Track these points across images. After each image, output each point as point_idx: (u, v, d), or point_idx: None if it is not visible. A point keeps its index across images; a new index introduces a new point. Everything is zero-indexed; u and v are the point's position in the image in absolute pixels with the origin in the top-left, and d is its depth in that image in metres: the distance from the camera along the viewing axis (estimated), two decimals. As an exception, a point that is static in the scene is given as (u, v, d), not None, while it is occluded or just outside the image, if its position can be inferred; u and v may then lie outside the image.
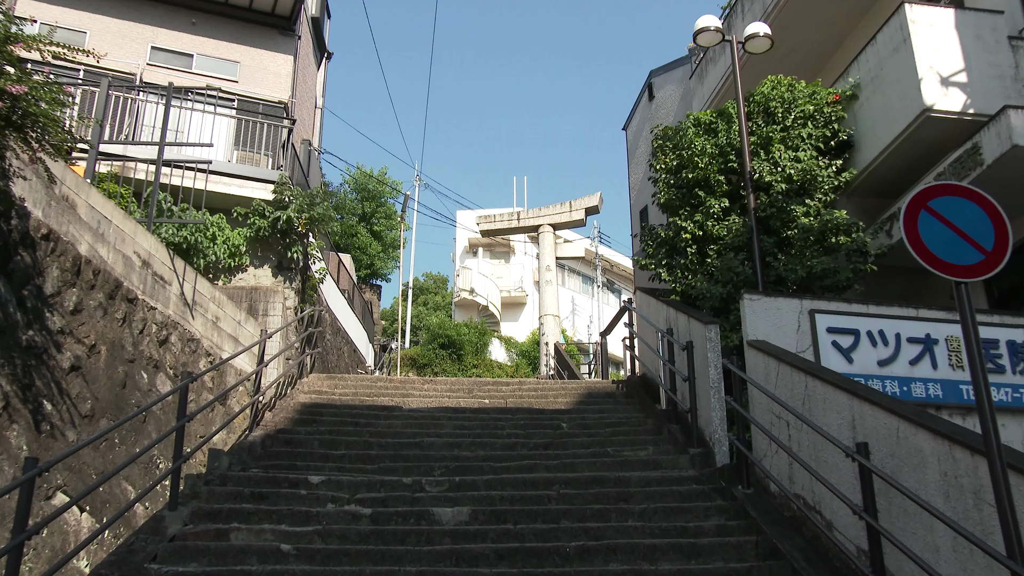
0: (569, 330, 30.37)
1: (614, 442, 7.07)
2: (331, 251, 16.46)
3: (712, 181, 9.05)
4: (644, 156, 14.50)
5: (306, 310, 10.10)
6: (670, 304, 8.12)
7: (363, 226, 28.47)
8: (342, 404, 8.45)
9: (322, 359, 11.88)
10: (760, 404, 5.88)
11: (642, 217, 14.54)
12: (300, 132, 13.21)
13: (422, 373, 23.21)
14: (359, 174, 28.89)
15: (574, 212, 22.68)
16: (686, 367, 6.83)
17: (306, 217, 10.01)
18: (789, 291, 7.89)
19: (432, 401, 8.78)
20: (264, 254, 10.11)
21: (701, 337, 6.73)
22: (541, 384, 10.29)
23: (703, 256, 8.88)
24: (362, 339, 18.32)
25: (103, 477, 4.35)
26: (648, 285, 10.52)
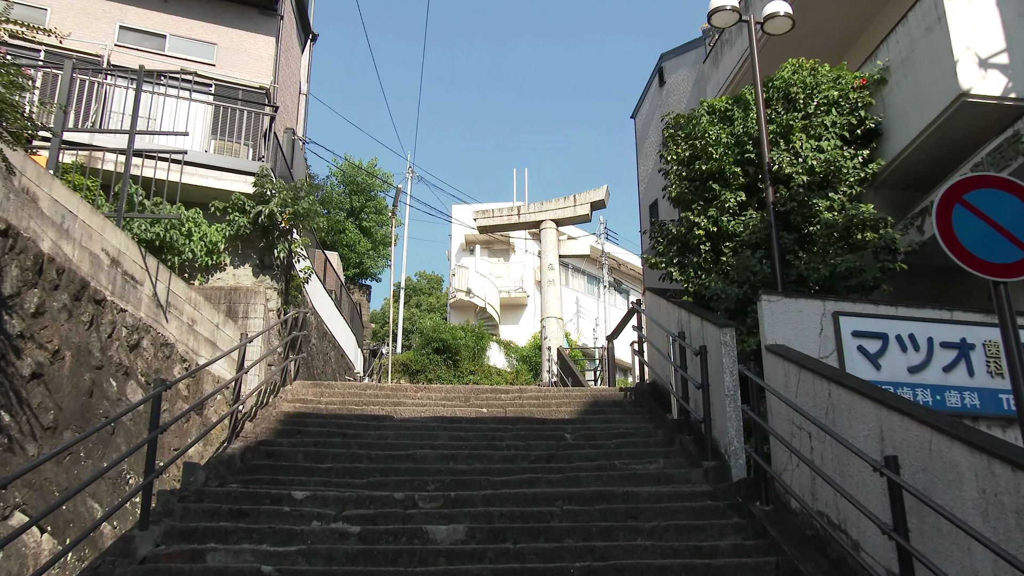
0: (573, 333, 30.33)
1: (622, 454, 7.07)
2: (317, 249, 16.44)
3: (727, 173, 9.05)
4: (654, 146, 14.47)
5: (290, 312, 10.09)
6: (682, 306, 8.12)
7: (351, 222, 28.46)
8: (329, 413, 8.46)
9: (307, 365, 11.86)
10: (779, 414, 5.86)
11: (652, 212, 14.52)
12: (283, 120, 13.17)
13: (415, 380, 23.18)
14: (347, 166, 28.91)
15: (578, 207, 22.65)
16: (699, 374, 6.83)
17: (290, 212, 9.98)
18: (811, 292, 7.88)
19: (426, 410, 8.80)
20: (244, 252, 10.08)
21: (715, 341, 6.71)
22: (543, 392, 10.29)
23: (718, 254, 8.88)
24: (350, 343, 18.29)
25: (67, 494, 4.31)
26: (658, 285, 10.51)
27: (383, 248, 29.95)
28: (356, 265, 28.09)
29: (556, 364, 18.85)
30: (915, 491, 3.91)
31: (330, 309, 15.53)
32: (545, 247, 22.61)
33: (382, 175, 30.19)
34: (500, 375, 24.75)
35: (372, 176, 29.34)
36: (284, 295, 10.38)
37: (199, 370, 7.24)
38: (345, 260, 27.13)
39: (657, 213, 13.96)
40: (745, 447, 6.17)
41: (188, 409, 6.40)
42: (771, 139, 8.89)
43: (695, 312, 7.58)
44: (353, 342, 19.01)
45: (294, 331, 10.20)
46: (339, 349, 16.10)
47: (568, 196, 22.86)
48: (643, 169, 15.84)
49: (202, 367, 7.06)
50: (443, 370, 23.64)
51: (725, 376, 6.45)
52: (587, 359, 29.03)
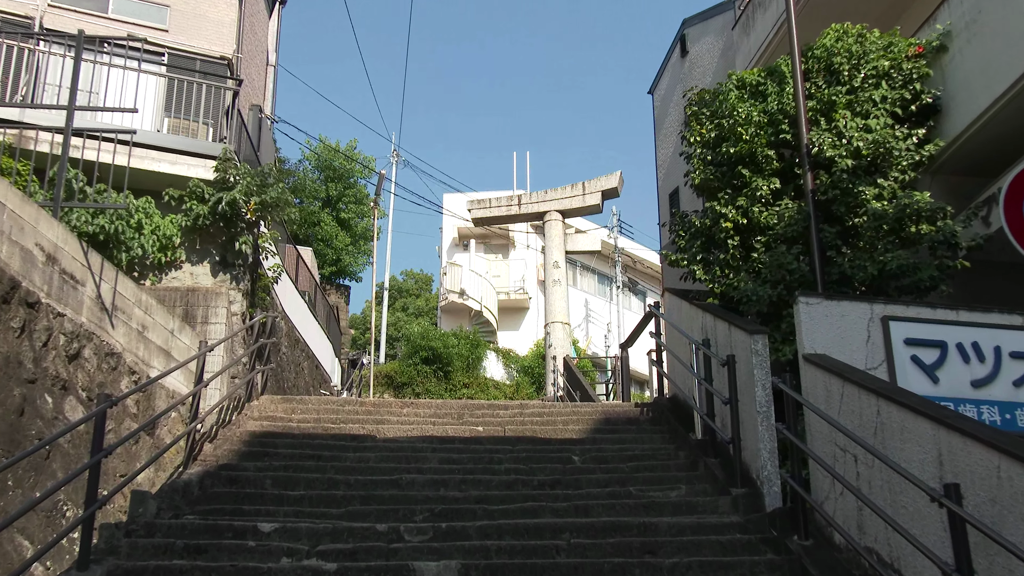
0: (582, 340, 30.30)
1: (638, 480, 7.07)
2: (288, 244, 16.41)
3: (759, 157, 9.05)
4: (675, 126, 14.44)
5: (256, 316, 10.07)
6: (707, 309, 8.10)
7: (327, 213, 28.44)
8: (301, 433, 8.49)
9: (276, 377, 11.83)
10: (820, 433, 5.84)
11: (672, 202, 14.50)
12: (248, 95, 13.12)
13: (401, 394, 23.15)
14: (322, 148, 28.88)
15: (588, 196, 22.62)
16: (727, 387, 6.82)
17: (256, 201, 9.96)
18: (856, 293, 7.86)
19: (413, 429, 8.81)
20: (204, 247, 10.06)
21: (745, 350, 6.70)
22: (547, 407, 10.27)
23: (748, 250, 8.89)
24: (326, 352, 18.24)
25: (-8, 528, 4.23)
26: (679, 285, 10.48)
27: (364, 243, 29.91)
28: (333, 262, 28.07)
29: (562, 376, 18.81)
30: (981, 525, 3.83)
31: (303, 313, 15.50)
32: (550, 242, 22.57)
33: (363, 159, 30.20)
34: (498, 388, 24.72)
35: (351, 160, 29.32)
36: (250, 297, 10.35)
37: (151, 383, 7.17)
38: (320, 257, 27.11)
39: (678, 203, 13.94)
40: (780, 472, 6.14)
41: (137, 429, 6.33)
42: (810, 117, 8.89)
43: (722, 316, 7.56)
44: (329, 351, 18.95)
45: (261, 338, 10.18)
46: (313, 359, 16.07)
47: (576, 183, 22.83)
48: (662, 153, 15.80)
49: (154, 380, 7.00)
50: (433, 383, 23.62)
51: (756, 390, 6.43)
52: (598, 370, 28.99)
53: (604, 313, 32.73)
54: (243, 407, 9.27)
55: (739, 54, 12.91)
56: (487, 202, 24.08)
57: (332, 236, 27.86)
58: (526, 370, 25.84)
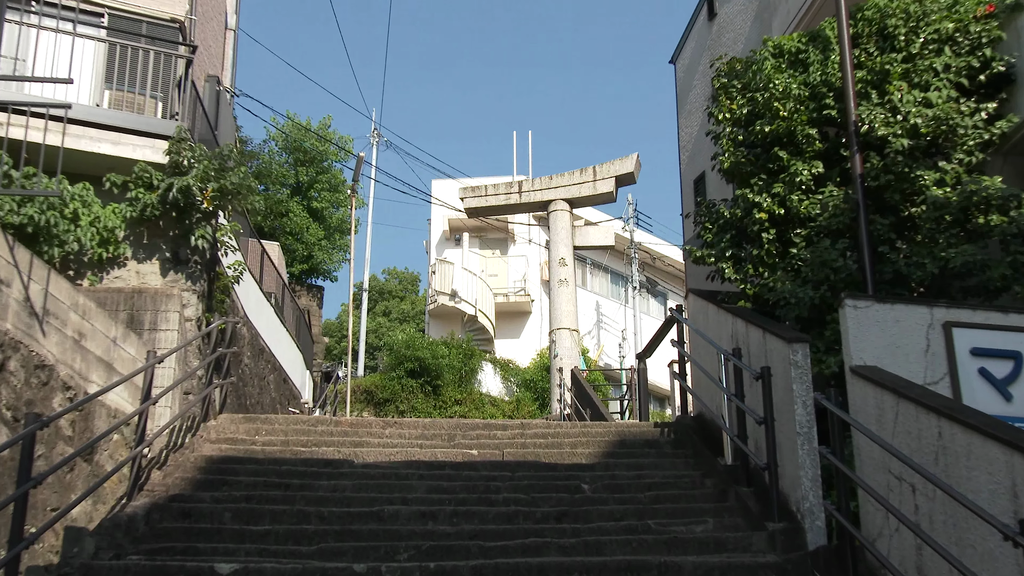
0: (592, 350, 30.28)
1: (658, 512, 7.07)
2: (251, 237, 16.38)
3: (799, 136, 9.04)
4: (700, 101, 14.40)
5: (214, 322, 10.05)
6: (737, 314, 8.09)
7: (297, 201, 28.42)
8: (266, 458, 8.50)
9: (238, 393, 11.80)
10: (871, 459, 5.82)
11: (697, 189, 14.48)
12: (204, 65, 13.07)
13: (382, 412, 23.11)
14: (291, 127, 28.86)
15: (599, 182, 22.59)
16: (761, 404, 6.82)
17: (214, 188, 9.93)
18: (913, 295, 7.82)
19: (397, 452, 8.83)
20: (152, 242, 10.03)
21: (783, 361, 6.69)
22: (552, 428, 10.28)
23: (785, 245, 8.89)
24: (296, 364, 18.19)
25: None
26: (705, 286, 10.47)
27: (340, 237, 29.87)
28: (304, 259, 28.04)
29: (569, 391, 18.77)
30: (1063, 567, 3.78)
31: (269, 318, 15.47)
32: (555, 236, 22.54)
33: (338, 139, 30.15)
34: (495, 405, 24.68)
35: (324, 141, 29.28)
36: (206, 299, 10.32)
37: (89, 401, 7.11)
38: (289, 253, 27.08)
39: (704, 190, 13.92)
40: (824, 503, 6.12)
41: (73, 454, 6.29)
42: (860, 90, 8.87)
43: (755, 322, 7.55)
44: (300, 362, 18.91)
45: (220, 347, 10.15)
46: (281, 372, 16.05)
47: (585, 168, 22.78)
48: (685, 133, 15.76)
49: (93, 397, 6.95)
50: (419, 399, 23.59)
51: (796, 408, 6.43)
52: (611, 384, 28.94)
53: (618, 318, 32.70)
54: (198, 428, 9.25)
55: (776, 16, 12.85)
56: (482, 189, 24.03)
57: (303, 229, 27.82)
58: (528, 384, 25.82)
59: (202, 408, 9.46)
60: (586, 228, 25.53)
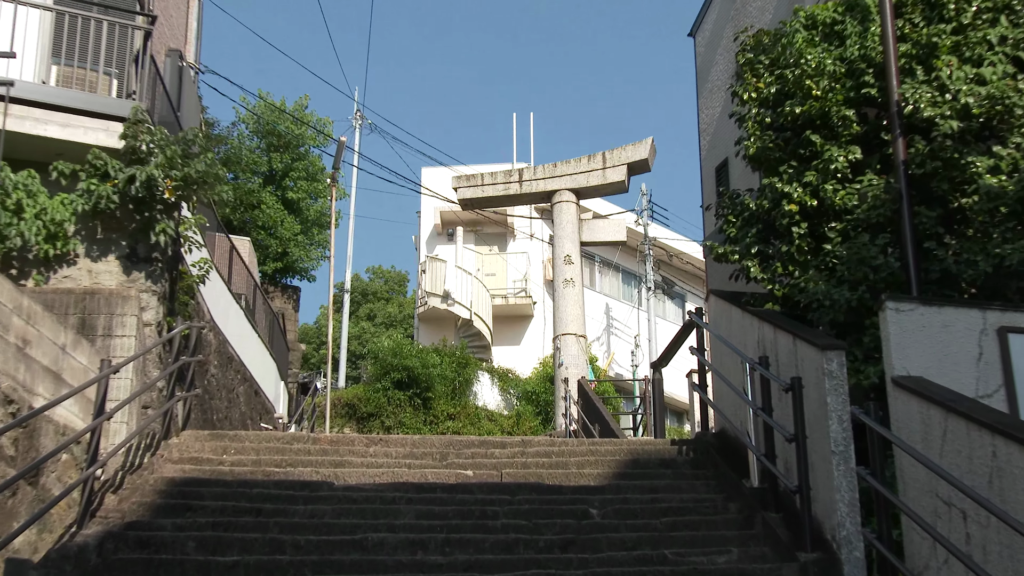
0: (601, 358, 30.25)
1: (675, 540, 7.06)
2: (219, 232, 16.37)
3: (835, 118, 9.05)
4: (723, 79, 14.42)
5: (177, 327, 10.05)
6: (765, 317, 8.09)
7: (271, 192, 28.42)
8: (236, 479, 8.49)
9: (203, 407, 11.80)
10: (916, 481, 5.81)
11: (719, 178, 14.49)
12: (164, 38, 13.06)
13: (366, 428, 23.11)
14: (263, 108, 28.85)
15: (609, 170, 22.58)
16: (791, 419, 6.81)
17: (177, 177, 9.92)
18: (964, 296, 7.79)
19: (382, 473, 8.82)
20: (107, 237, 10.02)
21: (816, 370, 6.70)
22: (557, 445, 10.29)
23: (818, 240, 8.89)
24: (269, 374, 18.18)
25: None
26: (728, 286, 10.48)
27: (319, 232, 29.86)
28: (278, 256, 28.04)
29: (576, 404, 18.76)
30: None
31: (239, 323, 15.48)
32: (560, 230, 22.55)
33: (317, 122, 30.16)
34: (493, 420, 24.65)
35: (302, 124, 29.28)
36: (168, 301, 10.32)
37: (34, 416, 7.08)
38: (262, 249, 27.08)
39: (727, 179, 13.93)
40: (863, 531, 6.12)
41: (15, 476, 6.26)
42: (903, 65, 8.89)
43: (785, 327, 7.56)
44: (273, 372, 18.88)
45: (183, 356, 10.14)
46: (252, 383, 16.04)
47: (594, 155, 22.79)
48: (706, 115, 15.78)
49: (38, 412, 6.92)
50: (408, 413, 23.57)
51: (831, 423, 6.42)
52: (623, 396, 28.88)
53: (631, 323, 32.68)
54: (158, 446, 9.21)
55: (807, -15, 12.89)
56: (479, 178, 24.03)
57: (277, 222, 27.81)
58: (529, 396, 25.79)
59: (163, 424, 9.41)
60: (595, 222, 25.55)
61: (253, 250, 23.07)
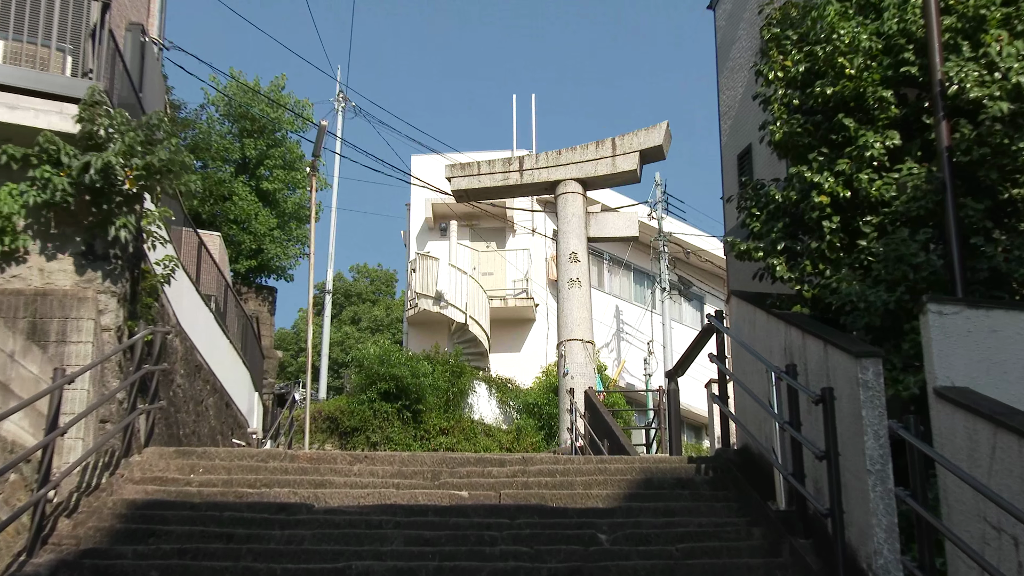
0: (611, 367, 30.26)
1: (693, 570, 7.07)
2: (186, 227, 16.35)
3: (871, 100, 9.06)
4: (746, 57, 14.41)
5: (139, 333, 10.04)
6: (792, 321, 8.09)
7: (244, 182, 28.39)
8: (204, 502, 8.50)
9: (168, 421, 11.80)
10: (961, 504, 5.80)
11: (742, 167, 14.49)
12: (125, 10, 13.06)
13: (350, 445, 23.11)
14: (235, 89, 28.82)
15: (620, 158, 22.55)
16: (822, 434, 6.81)
17: (140, 165, 9.91)
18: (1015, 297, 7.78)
19: (368, 495, 8.82)
20: (61, 232, 10.01)
21: (849, 380, 6.70)
22: (561, 463, 10.31)
23: (852, 235, 8.89)
24: (242, 384, 18.16)
25: None
26: (752, 287, 10.48)
27: (297, 226, 29.83)
28: (252, 254, 28.01)
29: (583, 417, 18.75)
30: None
31: (208, 327, 15.47)
32: (565, 224, 22.53)
33: (295, 104, 30.12)
34: (490, 435, 24.64)
35: (278, 106, 29.25)
36: (129, 303, 10.32)
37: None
38: (234, 245, 27.05)
39: (750, 168, 13.93)
40: (903, 560, 6.12)
41: (-38, 496, 6.22)
42: (947, 41, 8.89)
43: (814, 332, 7.56)
44: (246, 382, 18.86)
45: (146, 364, 10.13)
46: (222, 394, 16.03)
47: (603, 141, 22.76)
48: (727, 95, 15.77)
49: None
50: (396, 427, 23.56)
51: (866, 439, 6.41)
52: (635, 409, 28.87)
53: (644, 327, 32.68)
54: (118, 465, 9.20)
55: (839, -48, 12.89)
56: (474, 167, 24.01)
57: (250, 216, 27.78)
58: (531, 409, 25.78)
59: (123, 440, 9.39)
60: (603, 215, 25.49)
61: (224, 247, 23.05)
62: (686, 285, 34.52)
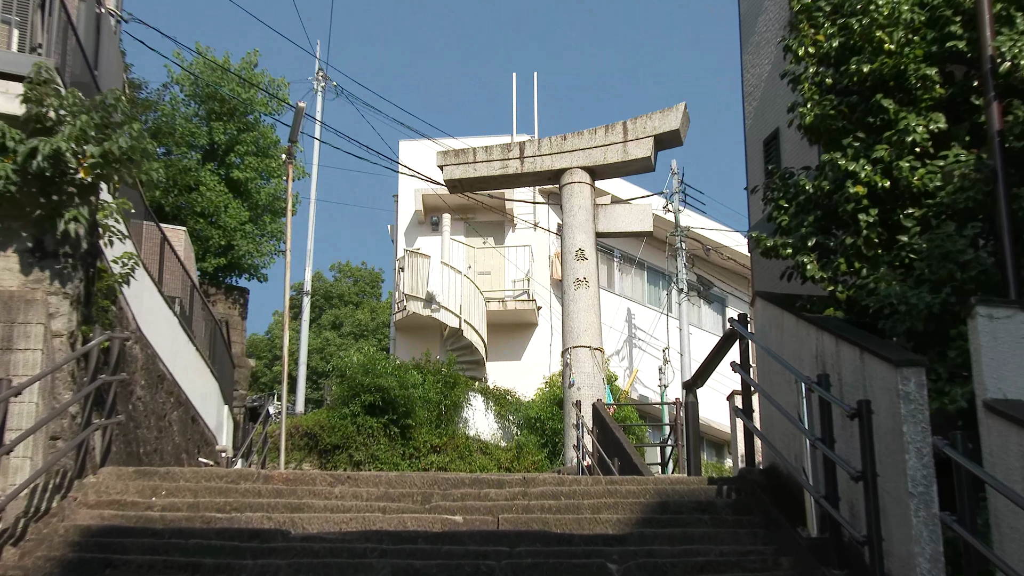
0: (622, 377, 30.27)
1: None
2: (147, 221, 16.33)
3: (912, 79, 9.05)
4: (774, 31, 14.40)
5: (94, 339, 10.02)
6: (825, 326, 8.09)
7: (212, 170, 28.36)
8: (168, 528, 8.46)
9: (127, 437, 11.79)
10: (1016, 531, 5.85)
11: (768, 153, 14.49)
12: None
13: (330, 464, 23.09)
14: (202, 66, 28.77)
15: (632, 144, 22.57)
16: (858, 453, 6.78)
17: (95, 152, 9.89)
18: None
19: (350, 520, 8.82)
20: (6, 226, 10.00)
21: (889, 391, 6.71)
22: (567, 484, 10.30)
23: (891, 230, 8.89)
24: (210, 397, 18.14)
25: None
26: (779, 288, 10.46)
27: (272, 220, 29.79)
28: (222, 251, 27.99)
29: (591, 433, 18.75)
30: None
31: (172, 333, 15.47)
32: (571, 218, 22.54)
33: (269, 84, 30.11)
34: (488, 453, 24.64)
35: (250, 86, 29.22)
36: (83, 306, 10.30)
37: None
38: (201, 241, 27.04)
39: (778, 155, 13.93)
40: (949, 594, 6.09)
41: None
42: (999, 12, 8.90)
43: (850, 338, 7.56)
44: (215, 394, 18.83)
45: (102, 374, 10.11)
46: (188, 407, 16.02)
47: (613, 125, 22.79)
48: (752, 74, 15.76)
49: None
50: (383, 444, 23.56)
51: (908, 458, 6.42)
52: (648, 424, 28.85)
53: (659, 332, 32.68)
54: (71, 487, 9.17)
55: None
56: (470, 154, 24.02)
57: (219, 208, 27.75)
58: (532, 424, 25.79)
59: (77, 459, 9.36)
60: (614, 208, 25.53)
61: (190, 243, 23.04)
62: (706, 286, 34.47)
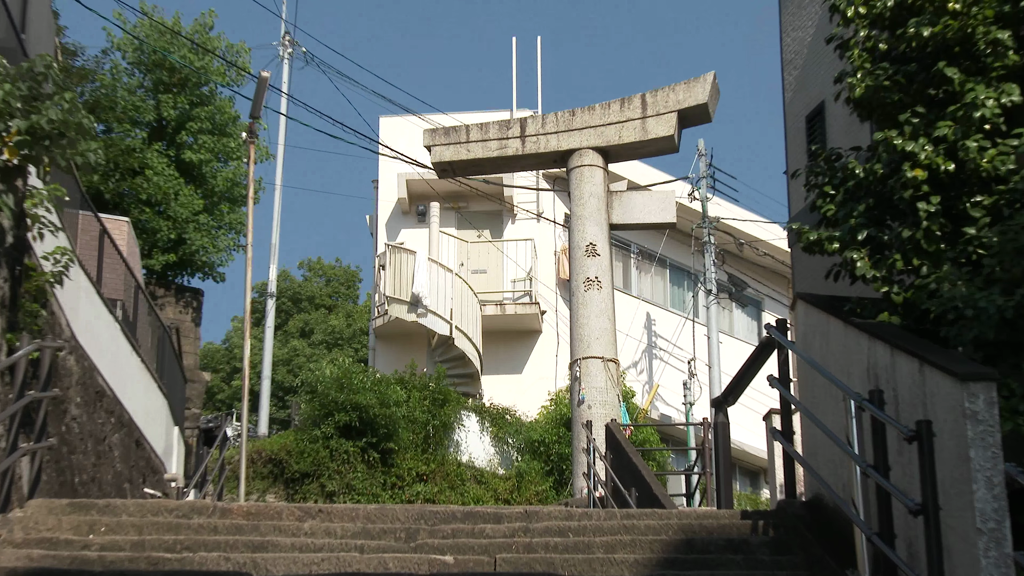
0: (641, 393, 30.27)
1: None
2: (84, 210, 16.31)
3: (981, 44, 9.06)
4: (816, -13, 14.41)
5: (22, 349, 10.05)
6: (878, 334, 8.09)
7: (160, 151, 28.35)
8: (107, 571, 8.47)
9: (60, 464, 11.80)
10: None
11: (811, 131, 14.53)
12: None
13: (299, 495, 23.11)
14: (148, 29, 28.76)
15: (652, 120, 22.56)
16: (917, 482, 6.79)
17: (22, 127, 9.92)
18: None
19: (322, 560, 8.83)
20: (-82, 217, 10.01)
21: (953, 410, 6.73)
22: (575, 519, 10.32)
23: (956, 222, 8.92)
24: (157, 416, 18.14)
25: None
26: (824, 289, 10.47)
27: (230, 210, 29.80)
28: (171, 246, 28.00)
29: (604, 459, 18.75)
30: None
31: (113, 342, 15.48)
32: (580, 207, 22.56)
33: (227, 50, 30.09)
34: (483, 482, 24.66)
35: (205, 52, 29.21)
36: (8, 311, 10.37)
37: None
38: (147, 235, 27.05)
39: (823, 133, 13.96)
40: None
41: None
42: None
43: (907, 348, 7.58)
44: (163, 413, 18.83)
45: (31, 390, 10.12)
46: (132, 428, 16.02)
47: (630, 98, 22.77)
48: (793, 39, 15.79)
49: None
50: (360, 472, 23.59)
51: (977, 488, 6.43)
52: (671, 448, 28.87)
53: (683, 340, 32.69)
54: (-5, 522, 9.19)
55: None
56: (462, 132, 24.01)
57: (169, 195, 27.76)
58: (535, 448, 25.81)
59: (0, 490, 9.40)
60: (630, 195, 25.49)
61: (135, 236, 23.03)
62: (738, 287, 34.50)
